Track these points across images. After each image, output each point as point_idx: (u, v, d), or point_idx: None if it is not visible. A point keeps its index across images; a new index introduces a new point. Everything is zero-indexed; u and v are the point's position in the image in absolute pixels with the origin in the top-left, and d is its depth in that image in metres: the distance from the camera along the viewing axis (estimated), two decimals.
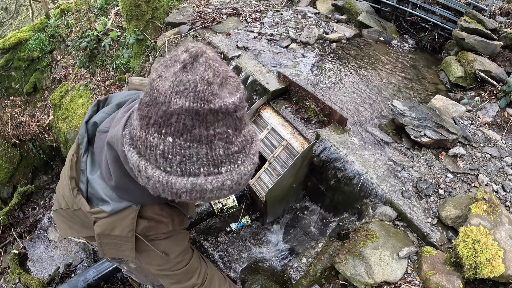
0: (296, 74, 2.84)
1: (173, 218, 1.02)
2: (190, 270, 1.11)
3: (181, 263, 1.08)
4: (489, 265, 1.60)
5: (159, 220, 0.96)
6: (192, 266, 1.12)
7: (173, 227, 1.01)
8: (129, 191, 0.89)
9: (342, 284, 1.76)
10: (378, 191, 2.01)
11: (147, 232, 0.95)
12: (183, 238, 1.10)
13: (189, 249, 1.14)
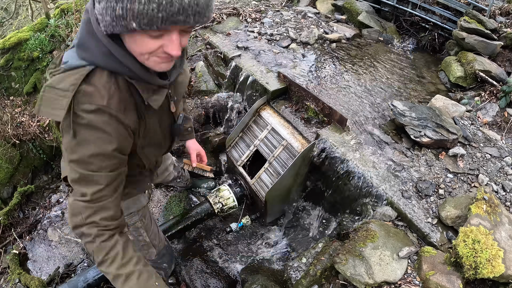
0: (296, 74, 2.84)
1: (114, 95, 0.94)
2: (90, 180, 0.95)
3: (87, 165, 0.94)
4: (489, 265, 1.60)
5: (99, 89, 0.92)
6: (96, 178, 0.95)
7: (107, 103, 0.91)
8: (88, 49, 0.91)
9: (342, 284, 1.76)
10: (378, 191, 2.01)
11: (82, 98, 0.90)
12: (109, 141, 0.95)
13: (109, 164, 0.97)
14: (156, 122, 1.16)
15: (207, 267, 2.34)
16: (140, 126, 1.08)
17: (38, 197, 3.40)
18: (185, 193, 2.81)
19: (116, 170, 0.99)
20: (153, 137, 1.19)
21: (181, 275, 2.31)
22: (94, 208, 0.96)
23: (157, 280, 0.97)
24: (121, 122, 0.96)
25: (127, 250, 0.99)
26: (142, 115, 1.07)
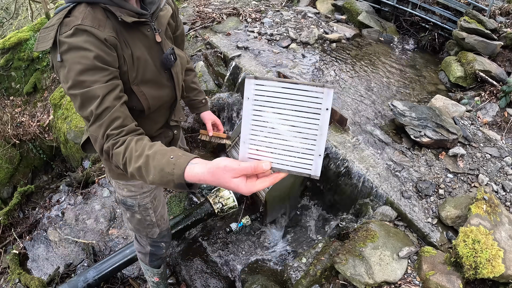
0: (296, 74, 2.84)
1: (87, 16, 1.04)
2: (89, 97, 1.01)
3: (81, 84, 1.00)
4: (489, 265, 1.60)
5: (76, 16, 1.03)
6: (92, 93, 1.00)
7: (81, 21, 1.02)
8: None
9: (342, 284, 1.76)
10: (378, 191, 2.01)
11: (63, 27, 1.02)
12: (90, 54, 1.00)
13: (100, 77, 1.02)
14: (144, 52, 1.18)
15: (207, 267, 2.34)
16: (124, 51, 1.11)
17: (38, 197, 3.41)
18: (185, 193, 2.81)
19: (109, 81, 1.04)
20: (146, 70, 1.20)
21: (181, 275, 2.31)
22: (104, 124, 1.00)
23: (172, 153, 0.90)
24: (97, 37, 1.02)
25: (139, 142, 0.98)
26: (125, 41, 1.12)
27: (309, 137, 0.78)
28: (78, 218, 2.85)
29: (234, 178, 0.79)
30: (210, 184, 0.85)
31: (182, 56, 1.41)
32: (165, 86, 1.31)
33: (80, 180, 3.09)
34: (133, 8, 1.12)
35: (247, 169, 0.79)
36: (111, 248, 2.58)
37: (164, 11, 1.27)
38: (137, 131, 1.05)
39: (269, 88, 0.81)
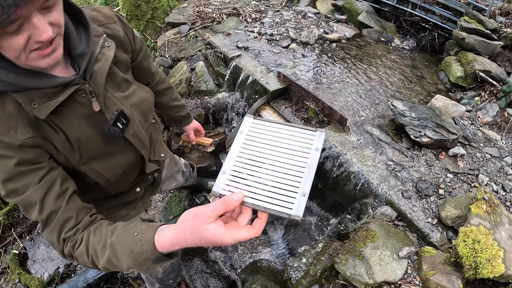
0: (296, 74, 2.84)
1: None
2: (27, 204, 0.87)
3: (13, 193, 0.87)
4: (489, 265, 1.60)
5: None
6: (28, 199, 0.86)
7: None
8: None
9: (342, 284, 1.76)
10: (378, 191, 2.01)
11: None
12: (9, 161, 0.84)
13: (29, 178, 0.87)
14: (83, 127, 0.97)
15: (207, 267, 2.34)
16: (54, 139, 0.92)
17: None
18: (185, 193, 2.80)
19: (43, 178, 0.88)
20: (91, 147, 1.00)
21: (181, 275, 2.32)
22: (55, 229, 0.88)
23: (135, 229, 0.80)
24: (9, 144, 0.83)
25: (98, 231, 0.86)
26: (53, 126, 0.91)
27: (295, 175, 0.76)
28: None
29: (208, 225, 0.68)
30: (190, 246, 0.72)
31: (144, 97, 1.16)
32: (122, 152, 1.12)
33: None
34: (55, 81, 0.86)
35: (218, 207, 0.69)
36: None
37: (101, 61, 0.97)
38: (95, 219, 0.92)
39: (264, 127, 0.83)
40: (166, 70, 3.36)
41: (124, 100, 1.06)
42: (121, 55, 1.10)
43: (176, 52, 3.35)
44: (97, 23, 1.03)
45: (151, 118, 1.24)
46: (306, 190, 0.73)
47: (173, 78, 3.22)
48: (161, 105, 1.63)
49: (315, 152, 0.78)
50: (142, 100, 1.14)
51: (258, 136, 0.83)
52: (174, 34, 3.56)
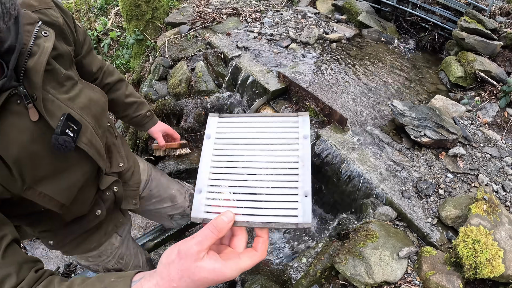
0: (296, 74, 2.84)
1: None
2: None
3: None
4: (489, 265, 1.60)
5: None
6: None
7: None
8: None
9: (342, 284, 1.76)
10: (378, 191, 2.01)
11: None
12: None
13: None
14: (27, 145, 0.77)
15: None
16: None
17: None
18: None
19: None
20: (37, 167, 0.80)
21: None
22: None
23: (100, 284, 0.61)
24: None
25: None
26: None
27: (289, 173, 0.61)
28: None
29: (201, 262, 0.52)
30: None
31: (95, 98, 0.96)
32: (76, 167, 0.91)
33: None
34: None
35: (207, 237, 0.53)
36: None
37: (37, 54, 0.77)
38: (42, 275, 0.72)
39: (235, 125, 0.68)
40: (166, 70, 3.36)
41: (70, 102, 0.86)
42: (62, 46, 0.90)
43: (176, 52, 3.35)
44: (30, 8, 0.83)
45: (106, 122, 1.04)
46: (307, 188, 0.59)
47: (173, 78, 3.22)
48: (114, 103, 1.32)
49: (304, 141, 0.64)
50: (92, 101, 0.94)
51: (230, 137, 0.67)
52: (174, 34, 3.56)
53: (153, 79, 3.40)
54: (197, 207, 0.61)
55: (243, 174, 0.62)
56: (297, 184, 0.60)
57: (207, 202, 0.61)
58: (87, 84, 0.99)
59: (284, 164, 0.63)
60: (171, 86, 3.20)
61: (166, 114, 3.19)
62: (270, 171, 0.62)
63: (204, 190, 0.62)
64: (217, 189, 0.62)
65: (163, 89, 3.30)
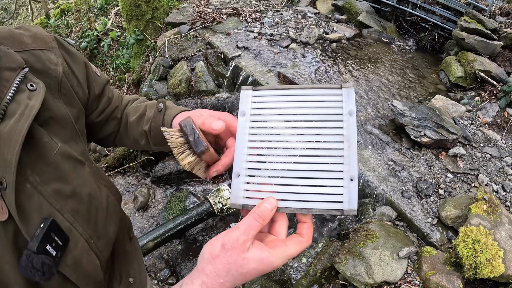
0: (296, 74, 2.84)
1: None
2: None
3: None
4: (489, 265, 1.60)
5: None
6: None
7: None
8: None
9: (342, 284, 1.76)
10: (378, 191, 2.01)
11: None
12: None
13: None
14: None
15: None
16: None
17: None
18: (185, 193, 2.81)
19: None
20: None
21: (181, 275, 2.31)
22: None
23: None
24: None
25: None
26: None
27: (333, 155, 0.56)
28: None
29: (248, 253, 0.49)
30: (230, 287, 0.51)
31: (99, 197, 0.67)
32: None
33: None
34: None
35: (251, 226, 0.50)
36: None
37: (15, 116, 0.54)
38: None
39: (271, 99, 0.61)
40: (166, 70, 3.36)
41: (59, 199, 0.58)
42: (59, 107, 0.63)
43: (176, 52, 3.36)
44: (17, 46, 0.60)
45: (113, 229, 0.71)
46: (353, 172, 0.55)
47: (173, 78, 3.22)
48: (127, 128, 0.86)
49: (349, 118, 0.57)
50: (94, 200, 0.65)
51: (267, 113, 0.61)
52: (174, 34, 3.56)
53: (153, 79, 3.40)
54: (236, 192, 0.58)
55: (283, 156, 0.58)
56: (342, 167, 0.55)
57: (245, 186, 0.58)
58: (96, 170, 0.70)
59: (327, 144, 0.57)
60: (171, 86, 3.20)
61: None
62: (312, 152, 0.57)
63: (243, 174, 0.59)
64: (256, 172, 0.58)
65: (163, 89, 3.30)
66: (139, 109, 0.83)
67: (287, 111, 0.60)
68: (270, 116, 0.61)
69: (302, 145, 0.58)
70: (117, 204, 0.75)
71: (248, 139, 0.60)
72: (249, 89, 0.63)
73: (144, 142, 0.82)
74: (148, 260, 2.47)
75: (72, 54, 0.70)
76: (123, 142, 0.88)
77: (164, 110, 0.78)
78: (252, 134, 0.60)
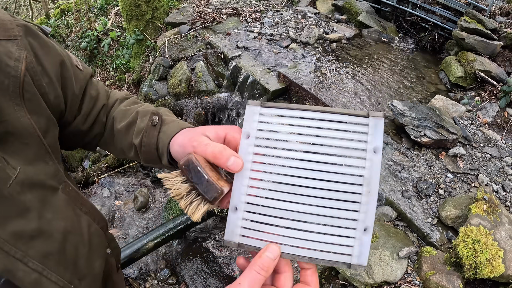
0: (296, 74, 2.84)
1: None
2: None
3: None
4: (489, 265, 1.60)
5: None
6: None
7: None
8: None
9: (342, 284, 1.76)
10: (378, 191, 2.01)
11: None
12: None
13: None
14: None
15: (207, 267, 2.34)
16: None
17: None
18: None
19: None
20: None
21: (181, 275, 2.31)
22: None
23: None
24: None
25: None
26: None
27: (348, 200, 0.48)
28: None
29: None
30: None
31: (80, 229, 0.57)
32: None
33: (80, 180, 3.09)
34: None
35: (255, 280, 0.45)
36: None
37: None
38: None
39: (282, 120, 0.50)
40: (166, 70, 3.36)
41: (21, 241, 0.47)
42: (19, 118, 0.49)
43: (176, 52, 3.36)
44: None
45: (101, 266, 0.63)
46: (368, 223, 0.47)
47: (173, 78, 3.22)
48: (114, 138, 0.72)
49: (373, 156, 0.48)
50: (71, 236, 0.54)
51: (276, 137, 0.50)
52: (174, 34, 3.56)
53: (153, 79, 3.40)
54: (232, 228, 0.50)
55: (289, 193, 0.49)
56: (357, 215, 0.47)
57: (243, 223, 0.50)
58: (74, 195, 0.57)
59: (343, 185, 0.48)
60: (171, 86, 3.20)
61: None
62: (324, 193, 0.48)
63: (241, 208, 0.50)
64: (256, 208, 0.50)
65: (163, 89, 3.30)
66: (128, 114, 0.68)
67: (300, 138, 0.50)
68: (279, 142, 0.50)
69: (313, 183, 0.49)
70: (102, 233, 0.64)
71: (251, 167, 0.50)
72: (256, 105, 0.51)
73: (132, 155, 0.69)
74: (148, 260, 2.47)
75: (44, 44, 0.56)
76: (107, 148, 0.74)
77: (160, 125, 0.63)
78: (255, 162, 0.51)
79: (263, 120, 0.51)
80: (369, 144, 0.48)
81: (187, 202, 0.51)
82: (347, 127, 0.49)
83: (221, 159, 0.49)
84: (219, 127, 0.56)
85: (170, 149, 0.59)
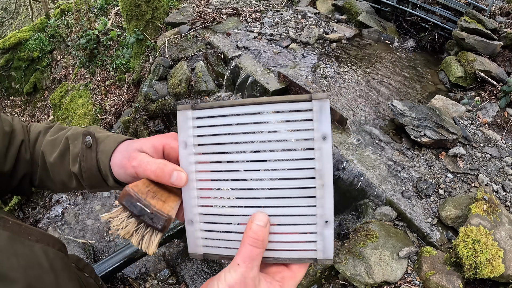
0: (296, 74, 2.84)
1: None
2: None
3: None
4: (489, 265, 1.60)
5: None
6: None
7: None
8: None
9: (342, 284, 1.76)
10: (378, 191, 2.01)
11: None
12: None
13: None
14: None
15: (207, 267, 2.34)
16: None
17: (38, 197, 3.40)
18: None
19: None
20: None
21: (181, 275, 2.31)
22: None
23: None
24: None
25: None
26: None
27: (302, 196, 0.45)
28: (78, 218, 2.85)
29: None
30: None
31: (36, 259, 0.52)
32: None
33: None
34: None
35: (253, 255, 0.42)
36: (111, 248, 2.58)
37: None
38: None
39: (218, 121, 0.46)
40: (166, 70, 3.36)
41: None
42: None
43: (176, 52, 3.36)
44: None
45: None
46: (327, 214, 0.44)
47: (173, 78, 3.22)
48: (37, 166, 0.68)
49: (322, 144, 0.43)
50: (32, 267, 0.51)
51: (215, 142, 0.46)
52: (174, 34, 3.56)
53: (153, 79, 3.40)
54: (193, 241, 0.48)
55: (241, 197, 0.46)
56: (314, 209, 0.44)
57: (202, 234, 0.48)
58: (17, 229, 0.53)
59: (294, 181, 0.44)
60: (171, 86, 3.20)
61: (166, 114, 3.19)
62: (276, 193, 0.45)
63: (196, 220, 0.47)
64: (212, 218, 0.47)
65: (163, 89, 3.30)
66: (57, 143, 0.64)
67: (241, 138, 0.46)
68: (220, 146, 0.46)
69: (264, 184, 0.45)
70: (64, 255, 0.60)
71: (196, 177, 0.47)
72: (187, 109, 0.47)
73: (75, 185, 0.64)
74: (148, 260, 2.47)
75: None
76: (46, 186, 0.69)
77: (95, 145, 0.59)
78: (200, 171, 0.47)
79: (197, 124, 0.47)
80: (316, 132, 0.43)
81: (138, 237, 0.47)
82: (289, 116, 0.44)
83: (164, 177, 0.47)
84: (155, 139, 0.54)
85: (112, 171, 0.56)
